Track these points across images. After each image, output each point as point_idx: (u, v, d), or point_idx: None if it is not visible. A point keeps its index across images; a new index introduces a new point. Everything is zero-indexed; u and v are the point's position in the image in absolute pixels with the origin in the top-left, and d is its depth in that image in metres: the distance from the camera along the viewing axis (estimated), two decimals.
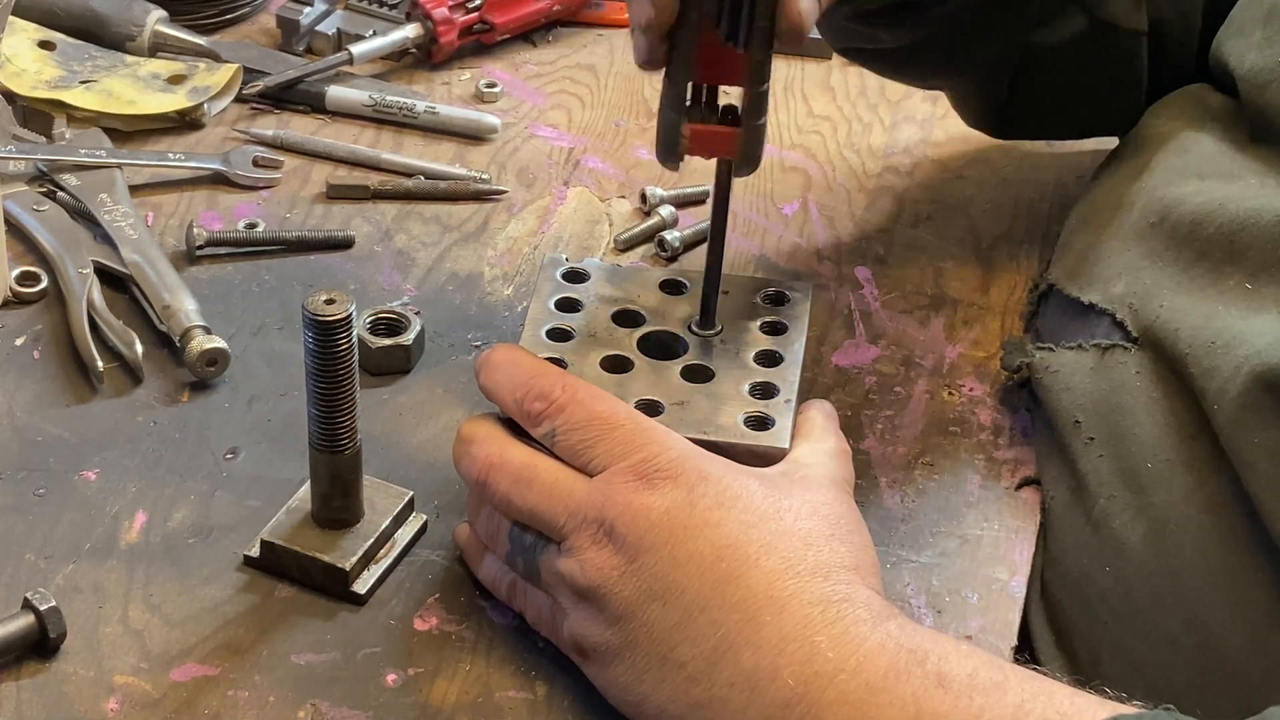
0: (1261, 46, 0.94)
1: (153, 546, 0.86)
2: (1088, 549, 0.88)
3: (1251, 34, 0.96)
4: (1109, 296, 0.93)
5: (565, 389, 0.80)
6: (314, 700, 0.79)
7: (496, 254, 1.07)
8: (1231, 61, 0.97)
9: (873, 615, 0.73)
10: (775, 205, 1.12)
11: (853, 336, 1.02)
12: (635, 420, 0.79)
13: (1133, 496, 0.87)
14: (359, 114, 1.18)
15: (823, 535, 0.76)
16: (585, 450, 0.79)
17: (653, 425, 0.79)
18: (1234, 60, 0.97)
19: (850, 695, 0.71)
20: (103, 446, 0.92)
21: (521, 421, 0.81)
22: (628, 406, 0.80)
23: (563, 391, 0.80)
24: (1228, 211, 0.90)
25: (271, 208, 1.10)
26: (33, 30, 1.19)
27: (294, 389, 0.95)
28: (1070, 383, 0.92)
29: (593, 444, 0.78)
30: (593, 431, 0.79)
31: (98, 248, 1.03)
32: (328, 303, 0.78)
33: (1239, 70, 0.96)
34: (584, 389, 0.80)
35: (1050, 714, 0.69)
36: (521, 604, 0.82)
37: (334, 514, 0.85)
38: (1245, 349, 0.83)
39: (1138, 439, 0.87)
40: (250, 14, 1.27)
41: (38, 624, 0.80)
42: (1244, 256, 0.88)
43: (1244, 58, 0.95)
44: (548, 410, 0.80)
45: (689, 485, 0.76)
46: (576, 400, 0.80)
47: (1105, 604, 0.87)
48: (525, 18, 1.26)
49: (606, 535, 0.76)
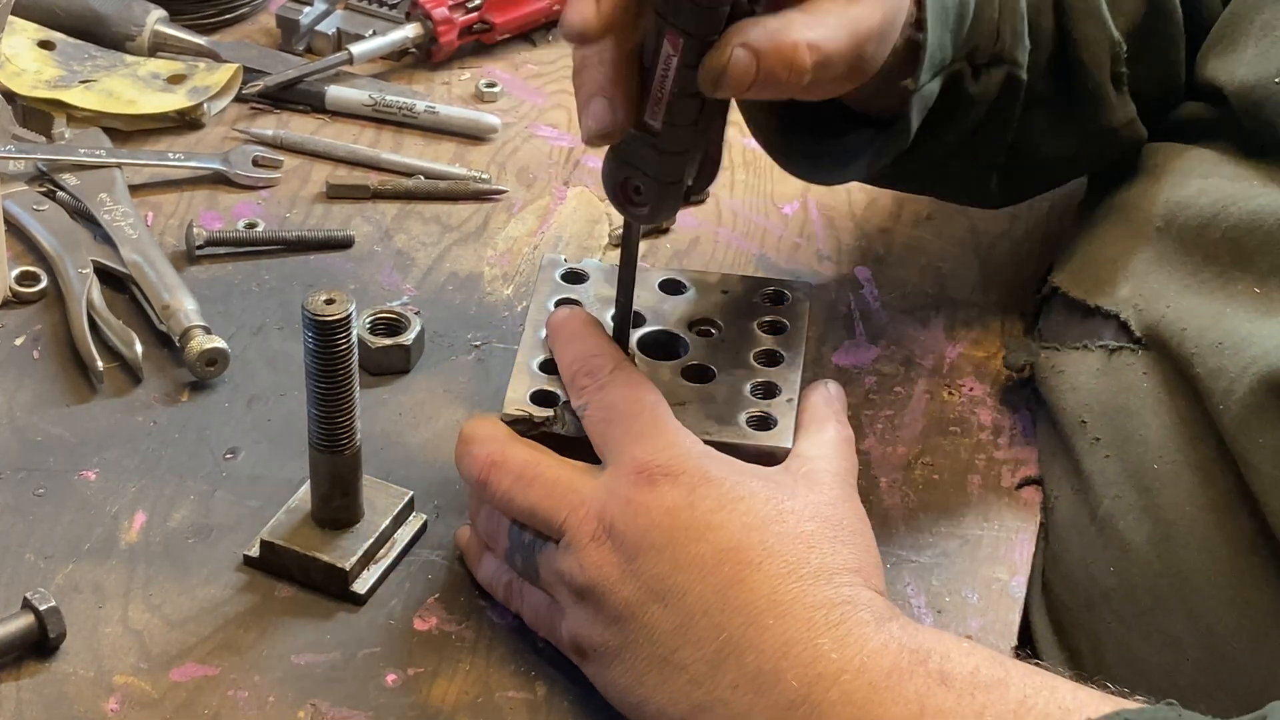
0: (1254, 62, 0.94)
1: (153, 546, 0.86)
2: (1092, 549, 0.88)
3: (1243, 50, 0.96)
4: (1114, 299, 0.93)
5: (614, 371, 0.82)
6: (314, 700, 0.79)
7: (496, 254, 1.07)
8: (1220, 78, 0.97)
9: (875, 617, 0.73)
10: (775, 205, 1.12)
11: (853, 336, 1.02)
12: (654, 413, 0.80)
13: (1138, 497, 0.86)
14: (359, 114, 1.18)
15: (825, 538, 0.76)
16: (602, 431, 0.80)
17: (668, 421, 0.80)
18: (1223, 77, 0.96)
19: (854, 695, 0.71)
20: (102, 446, 0.92)
21: (569, 387, 0.83)
22: (659, 400, 0.81)
23: (610, 373, 0.82)
24: (1232, 214, 0.90)
25: (271, 207, 1.10)
26: (33, 30, 1.19)
27: (294, 389, 0.95)
28: (1076, 383, 0.92)
29: (610, 425, 0.80)
30: (614, 413, 0.80)
31: (97, 247, 1.03)
32: (327, 303, 0.78)
33: (1229, 86, 0.96)
34: (629, 375, 0.82)
35: (1053, 709, 0.70)
36: (519, 604, 0.82)
37: (334, 514, 0.85)
38: (1253, 350, 0.83)
39: (1144, 440, 0.87)
40: (250, 14, 1.27)
41: (37, 624, 0.80)
42: (1252, 261, 0.88)
43: (1234, 74, 0.95)
44: (590, 385, 0.82)
45: (691, 486, 0.76)
46: (615, 382, 0.81)
47: (1109, 604, 0.87)
48: (525, 17, 1.26)
49: (606, 533, 0.76)
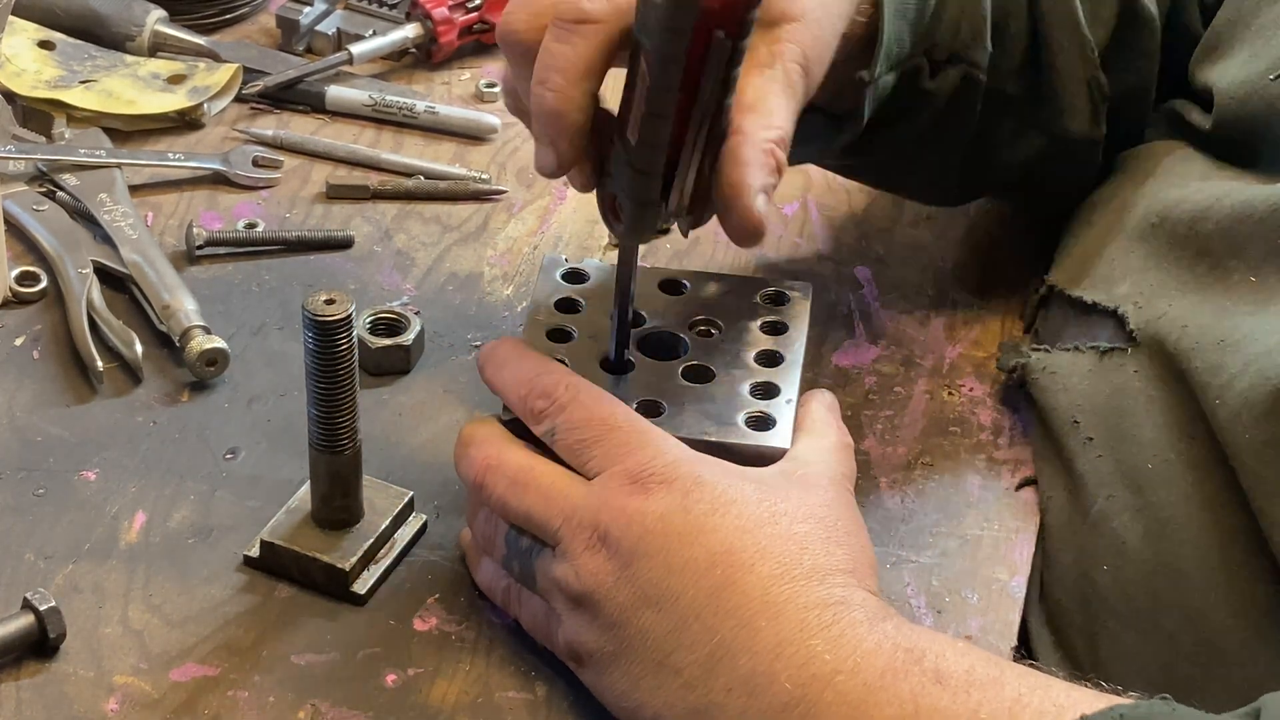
0: (1245, 63, 0.95)
1: (153, 546, 0.86)
2: (1086, 548, 0.88)
3: (1237, 53, 0.96)
4: (1112, 296, 0.93)
5: (568, 388, 0.80)
6: (314, 700, 0.79)
7: (496, 254, 1.07)
8: (1212, 79, 0.97)
9: (869, 617, 0.73)
10: (775, 205, 1.12)
11: (853, 336, 1.02)
12: (634, 424, 0.79)
13: (1132, 496, 0.87)
14: (359, 114, 1.18)
15: (819, 538, 0.76)
16: (583, 450, 0.79)
17: (651, 429, 0.79)
18: (1215, 77, 0.97)
19: (848, 696, 0.71)
20: (102, 446, 0.92)
21: (524, 418, 0.81)
22: (628, 409, 0.80)
23: (565, 391, 0.80)
24: (1225, 206, 0.90)
25: (271, 208, 1.10)
26: (33, 30, 1.19)
27: (294, 389, 0.95)
28: (1068, 383, 0.92)
29: (590, 445, 0.79)
30: (591, 432, 0.79)
31: (97, 248, 1.03)
32: (328, 303, 0.78)
33: (1219, 85, 0.96)
34: (586, 390, 0.80)
35: (1047, 707, 0.70)
36: (517, 609, 0.82)
37: (334, 514, 0.85)
38: (1255, 347, 0.83)
39: (1137, 439, 0.87)
40: (250, 14, 1.27)
41: (37, 624, 0.80)
42: (1245, 250, 0.88)
43: (1225, 73, 0.96)
44: (549, 409, 0.80)
45: (684, 491, 0.76)
46: (578, 400, 0.80)
47: (1104, 603, 0.87)
48: None
49: (601, 541, 0.76)
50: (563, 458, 0.80)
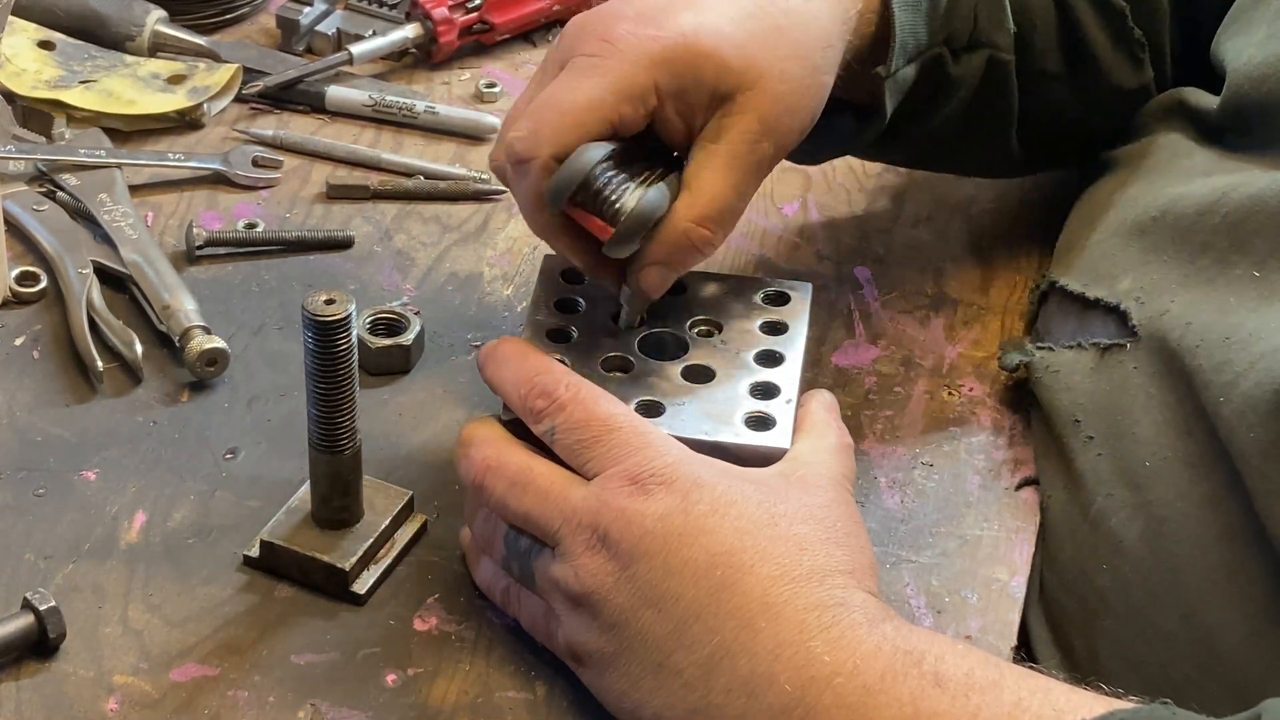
0: (1263, 43, 0.94)
1: (152, 546, 0.86)
2: (1085, 547, 0.88)
3: (1255, 31, 0.96)
4: (1114, 292, 0.93)
5: (568, 388, 0.80)
6: (314, 700, 0.79)
7: (496, 254, 1.07)
8: (1228, 57, 0.97)
9: (868, 618, 0.73)
10: (775, 205, 1.12)
11: (853, 336, 1.02)
12: (634, 424, 0.79)
13: (1130, 494, 0.87)
14: (359, 114, 1.18)
15: (818, 539, 0.76)
16: (582, 451, 0.79)
17: (651, 430, 0.79)
18: (1231, 56, 0.97)
19: (848, 698, 0.71)
20: (102, 446, 0.92)
21: (523, 417, 0.81)
22: (628, 410, 0.80)
23: (565, 390, 0.80)
24: (1232, 199, 0.90)
25: (271, 208, 1.10)
26: (33, 30, 1.19)
27: (294, 389, 0.95)
28: (1070, 382, 0.92)
29: (590, 445, 0.78)
30: (591, 432, 0.79)
31: (97, 248, 1.03)
32: (327, 303, 0.78)
33: (1235, 64, 0.96)
34: (586, 389, 0.80)
35: (1046, 710, 0.69)
36: (516, 609, 0.82)
37: (334, 514, 0.85)
38: (1261, 345, 0.82)
39: (1136, 437, 0.87)
40: (250, 14, 1.27)
41: (37, 624, 0.80)
42: (1250, 244, 0.88)
43: (1242, 53, 0.96)
44: (549, 408, 0.80)
45: (683, 492, 0.76)
46: (578, 400, 0.80)
47: (1103, 601, 0.87)
48: (525, 18, 1.26)
49: (600, 541, 0.76)
50: (562, 458, 0.80)
